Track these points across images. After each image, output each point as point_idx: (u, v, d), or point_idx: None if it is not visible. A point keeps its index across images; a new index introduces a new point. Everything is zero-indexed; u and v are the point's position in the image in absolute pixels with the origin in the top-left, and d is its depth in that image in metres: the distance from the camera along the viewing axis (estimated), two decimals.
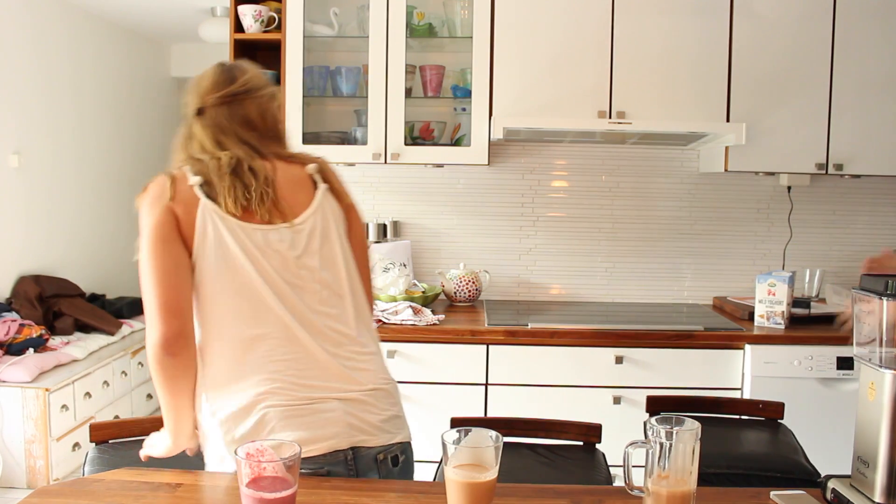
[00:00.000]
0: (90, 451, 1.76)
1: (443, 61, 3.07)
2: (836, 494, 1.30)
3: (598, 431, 1.86)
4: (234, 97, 1.49)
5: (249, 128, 1.49)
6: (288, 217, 1.44)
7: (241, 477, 1.13)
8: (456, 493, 1.16)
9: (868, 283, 1.28)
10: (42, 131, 4.11)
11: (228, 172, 1.42)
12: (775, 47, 2.83)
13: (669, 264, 3.26)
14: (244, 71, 1.53)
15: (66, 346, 3.66)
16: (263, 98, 1.53)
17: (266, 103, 1.53)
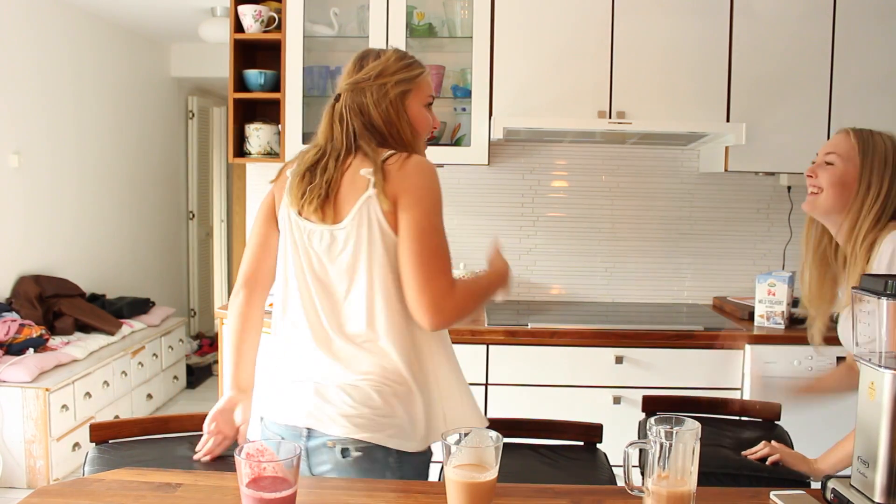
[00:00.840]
0: (90, 451, 1.75)
1: (443, 61, 3.07)
2: (837, 494, 1.30)
3: (598, 431, 1.86)
4: (356, 85, 1.53)
5: (362, 118, 1.53)
6: (333, 219, 1.48)
7: (241, 477, 1.13)
8: (456, 493, 1.16)
9: (868, 283, 1.28)
10: (42, 131, 4.11)
11: (305, 168, 1.52)
12: (775, 47, 2.83)
13: (669, 264, 3.26)
14: (377, 57, 1.56)
15: (66, 346, 3.66)
16: (385, 87, 1.53)
17: (386, 93, 1.53)
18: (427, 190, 1.48)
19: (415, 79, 1.56)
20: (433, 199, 1.48)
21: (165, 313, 4.72)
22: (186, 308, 6.06)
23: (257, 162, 3.10)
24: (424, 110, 1.59)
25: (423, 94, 1.58)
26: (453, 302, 1.42)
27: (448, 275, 1.44)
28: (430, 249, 1.44)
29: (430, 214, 1.46)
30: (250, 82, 3.01)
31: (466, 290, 1.47)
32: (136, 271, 5.18)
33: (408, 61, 1.58)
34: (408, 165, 1.48)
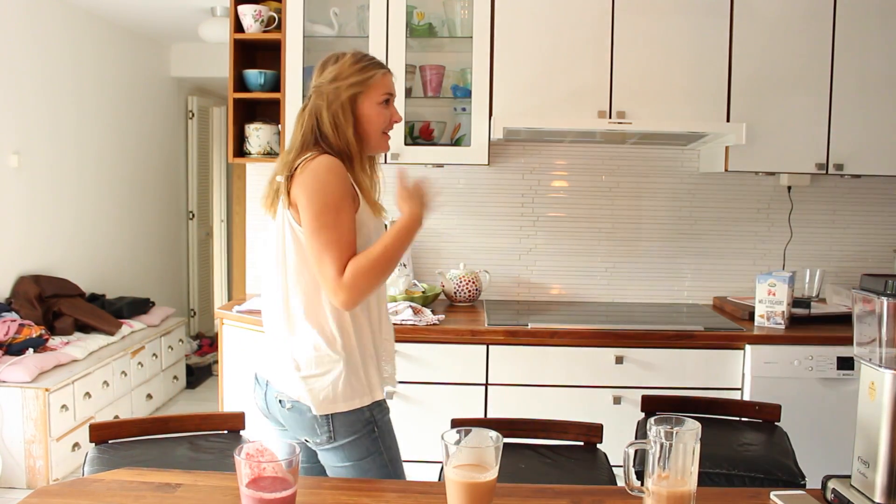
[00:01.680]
0: (90, 452, 1.75)
1: (443, 61, 3.07)
2: (837, 495, 1.30)
3: (599, 431, 1.86)
4: (317, 89, 1.75)
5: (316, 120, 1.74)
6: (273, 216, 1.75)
7: (240, 477, 1.13)
8: (456, 493, 1.16)
9: (868, 283, 1.28)
10: (42, 131, 4.11)
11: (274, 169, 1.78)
12: (776, 47, 2.83)
13: (669, 264, 3.26)
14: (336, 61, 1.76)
15: (65, 347, 3.66)
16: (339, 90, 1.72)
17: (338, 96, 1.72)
18: (314, 191, 1.63)
19: (367, 80, 1.73)
20: (321, 198, 1.62)
21: (165, 313, 4.71)
22: (186, 308, 6.06)
23: (257, 162, 3.10)
24: (378, 108, 1.75)
25: (376, 93, 1.74)
26: (345, 287, 1.60)
27: (334, 266, 1.61)
28: (318, 247, 1.62)
29: (318, 214, 1.62)
30: (250, 82, 3.01)
31: (359, 269, 1.61)
32: (136, 271, 5.18)
33: (363, 64, 1.74)
34: (306, 168, 1.65)
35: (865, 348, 1.29)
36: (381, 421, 1.74)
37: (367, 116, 1.73)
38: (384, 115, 1.76)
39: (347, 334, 1.69)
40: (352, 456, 1.69)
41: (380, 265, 1.63)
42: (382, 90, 1.74)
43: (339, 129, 1.70)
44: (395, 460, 1.77)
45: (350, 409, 1.68)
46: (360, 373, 1.70)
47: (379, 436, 1.72)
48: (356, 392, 1.69)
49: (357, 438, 1.69)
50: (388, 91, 1.76)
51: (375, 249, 1.64)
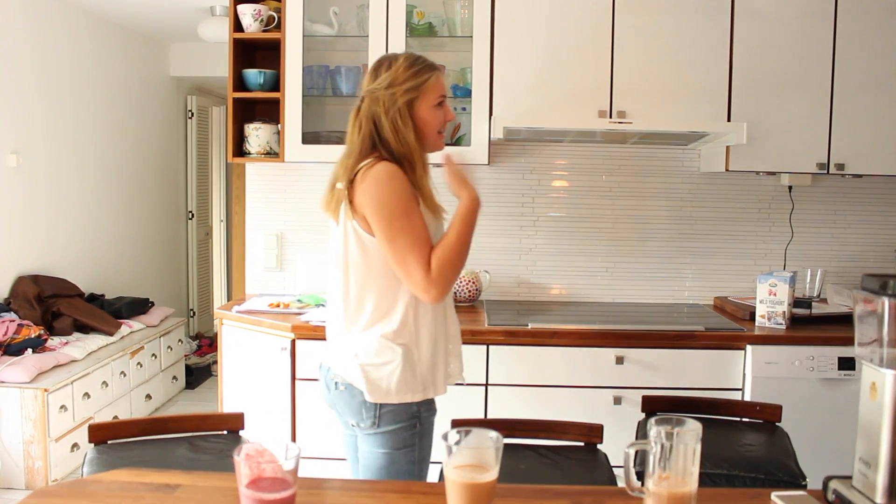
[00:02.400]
0: (89, 452, 1.75)
1: (443, 61, 3.06)
2: (838, 495, 1.29)
3: (599, 432, 1.85)
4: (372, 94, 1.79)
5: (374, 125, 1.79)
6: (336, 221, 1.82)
7: (240, 478, 1.12)
8: (456, 494, 1.16)
9: (869, 283, 1.27)
10: (41, 131, 4.10)
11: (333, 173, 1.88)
12: (777, 46, 2.83)
13: (670, 264, 3.25)
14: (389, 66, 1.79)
15: (64, 347, 3.66)
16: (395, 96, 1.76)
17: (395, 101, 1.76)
18: (382, 200, 1.69)
19: (422, 84, 1.78)
20: (389, 206, 1.68)
21: (164, 313, 4.71)
22: (186, 308, 6.05)
23: (257, 162, 3.10)
24: (434, 110, 1.81)
25: (432, 96, 1.80)
26: (435, 282, 1.67)
27: (420, 266, 1.67)
28: (399, 252, 1.68)
29: (391, 221, 1.68)
30: (250, 82, 3.00)
31: (443, 262, 1.68)
32: (136, 271, 5.17)
33: (417, 68, 1.78)
34: (367, 177, 1.70)
35: (866, 348, 1.28)
36: (426, 419, 1.81)
37: (424, 119, 1.79)
38: (439, 117, 1.83)
39: (411, 330, 1.77)
40: (388, 444, 1.77)
41: (458, 252, 1.71)
42: (437, 92, 1.81)
43: (400, 133, 1.75)
44: (425, 460, 1.82)
45: (400, 402, 1.76)
46: (416, 368, 1.77)
47: (419, 432, 1.79)
48: (409, 386, 1.76)
49: (398, 429, 1.76)
50: (442, 93, 1.83)
51: (450, 239, 1.71)
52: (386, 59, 1.80)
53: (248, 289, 3.35)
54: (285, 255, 3.31)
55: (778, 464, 1.84)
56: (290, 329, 2.67)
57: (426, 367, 1.79)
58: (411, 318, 1.77)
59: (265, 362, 2.77)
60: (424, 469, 1.82)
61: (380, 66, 1.79)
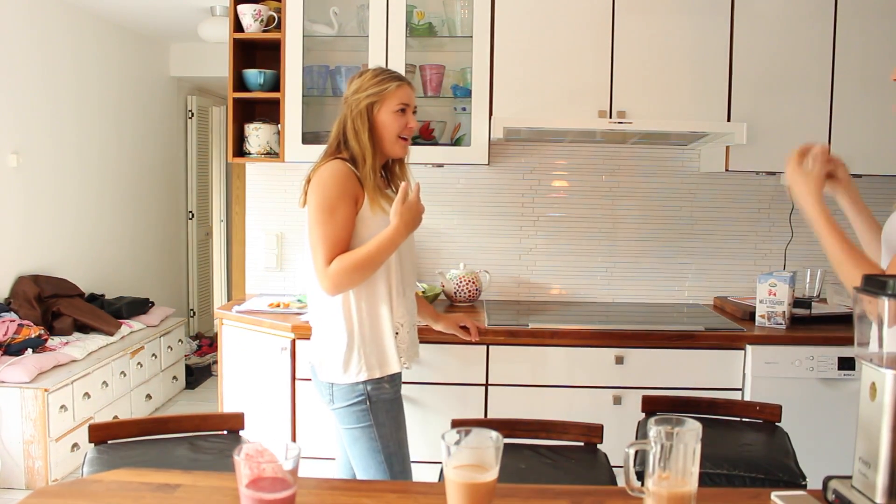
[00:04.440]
0: (89, 452, 1.75)
1: (443, 61, 3.06)
2: (838, 495, 1.29)
3: (599, 432, 1.85)
4: (345, 101, 2.03)
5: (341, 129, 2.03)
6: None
7: (240, 478, 1.12)
8: (456, 494, 1.16)
9: (869, 283, 1.27)
10: (41, 131, 4.10)
11: None
12: (776, 46, 2.83)
13: (670, 264, 3.25)
14: (360, 76, 2.03)
15: (64, 347, 3.66)
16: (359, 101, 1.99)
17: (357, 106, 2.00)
18: (316, 193, 1.92)
19: (382, 91, 1.98)
20: (318, 200, 1.91)
21: (165, 313, 4.71)
22: (186, 308, 6.05)
23: (257, 162, 3.10)
24: (393, 115, 1.99)
25: (392, 102, 1.99)
26: (329, 277, 1.88)
27: (321, 258, 1.89)
28: (312, 240, 1.92)
29: (314, 212, 1.91)
30: (250, 82, 3.00)
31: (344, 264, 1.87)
32: (136, 271, 5.17)
33: (381, 77, 2.00)
34: (316, 174, 1.95)
35: (866, 348, 1.28)
36: (377, 397, 1.98)
37: (382, 122, 1.99)
38: (399, 122, 2.00)
39: (353, 314, 1.96)
40: (345, 421, 1.99)
41: (361, 264, 1.89)
42: (398, 100, 1.99)
43: (358, 133, 1.97)
44: (387, 437, 1.97)
45: (345, 382, 1.97)
46: (360, 350, 1.97)
47: (370, 409, 1.97)
48: (352, 366, 1.96)
49: (349, 407, 1.98)
50: (403, 101, 2.01)
51: (360, 251, 1.90)
52: (360, 71, 2.05)
53: (248, 289, 3.35)
54: (285, 255, 3.31)
55: (778, 464, 1.84)
56: (290, 329, 2.67)
57: (370, 349, 1.97)
58: (353, 305, 1.96)
59: (265, 362, 2.77)
60: (392, 448, 1.98)
61: (353, 77, 2.04)
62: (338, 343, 1.97)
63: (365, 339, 1.98)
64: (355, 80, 2.02)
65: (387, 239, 1.91)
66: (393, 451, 1.99)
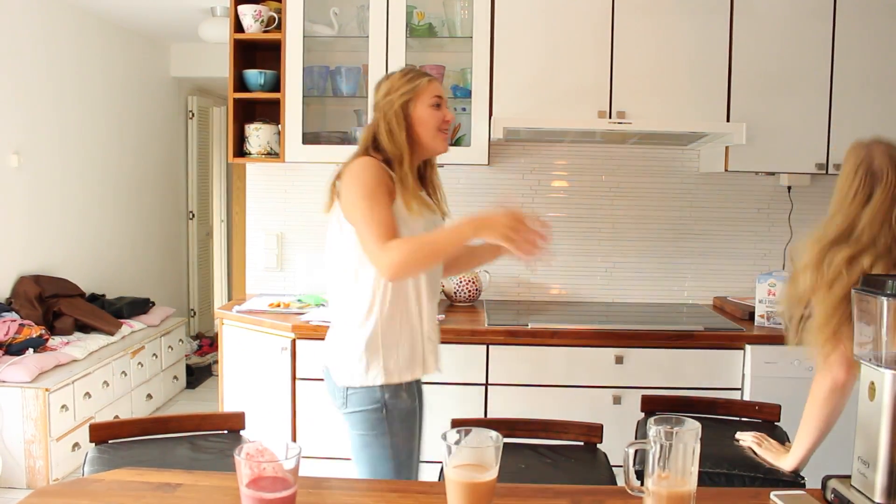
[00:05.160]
0: (90, 452, 1.75)
1: (443, 61, 3.06)
2: (837, 495, 1.30)
3: (599, 431, 1.86)
4: (376, 106, 1.96)
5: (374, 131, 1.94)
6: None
7: (240, 477, 1.13)
8: (456, 493, 1.16)
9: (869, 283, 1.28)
10: (42, 131, 4.11)
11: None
12: (776, 47, 2.83)
13: (669, 264, 3.25)
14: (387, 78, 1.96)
15: (65, 347, 3.66)
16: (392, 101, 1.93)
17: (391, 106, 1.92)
18: (351, 184, 1.84)
19: (415, 88, 1.92)
20: (356, 188, 1.82)
21: (165, 313, 4.71)
22: (186, 308, 6.05)
23: (257, 162, 3.10)
24: (430, 110, 1.94)
25: (426, 96, 1.94)
26: (389, 258, 1.72)
27: (374, 237, 1.76)
28: (360, 227, 1.81)
29: (356, 200, 1.82)
30: (250, 82, 3.01)
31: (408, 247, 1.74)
32: (136, 271, 5.17)
33: (411, 75, 1.95)
34: (346, 168, 1.88)
35: (866, 348, 1.29)
36: (394, 406, 1.89)
37: (420, 118, 1.93)
38: (437, 116, 1.96)
39: (375, 319, 1.87)
40: (358, 426, 1.90)
41: (423, 249, 1.76)
42: (431, 93, 1.95)
43: (393, 134, 1.90)
44: (398, 447, 1.89)
45: (360, 386, 1.89)
46: (378, 355, 1.88)
47: (386, 418, 1.88)
48: (369, 371, 1.88)
49: (365, 412, 1.89)
50: (437, 94, 1.96)
51: (425, 236, 1.82)
52: (384, 76, 2.00)
53: (249, 289, 3.35)
54: (285, 255, 3.31)
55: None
56: (291, 329, 2.67)
57: (389, 354, 1.89)
58: (376, 307, 1.87)
59: (265, 362, 2.77)
60: (402, 456, 1.89)
61: (380, 82, 1.98)
62: (358, 345, 1.88)
63: (388, 343, 1.89)
64: (383, 84, 1.96)
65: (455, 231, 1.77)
66: (403, 461, 1.91)
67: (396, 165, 1.89)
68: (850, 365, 1.58)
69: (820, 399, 1.65)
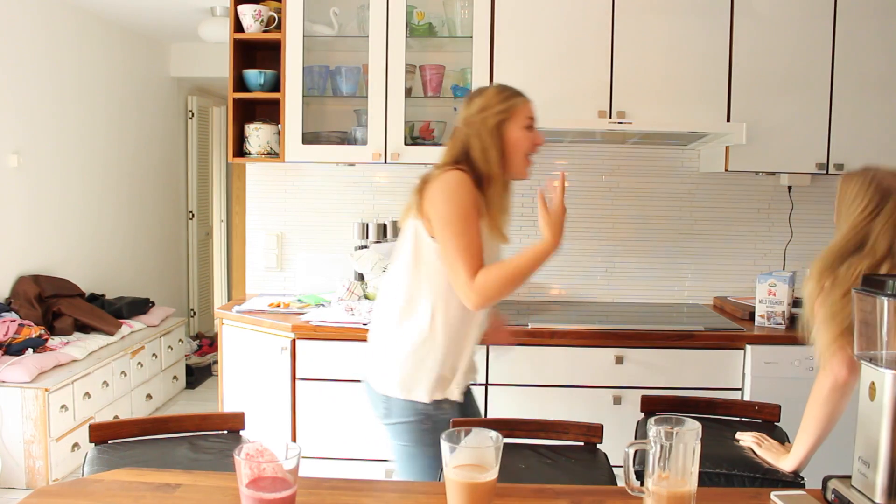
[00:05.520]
0: (89, 452, 1.75)
1: (443, 61, 3.06)
2: (837, 495, 1.30)
3: (599, 431, 1.85)
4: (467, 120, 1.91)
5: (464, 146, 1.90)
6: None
7: (240, 477, 1.13)
8: (456, 494, 1.16)
9: (869, 283, 1.28)
10: (41, 131, 4.10)
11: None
12: (776, 47, 2.83)
13: (670, 264, 3.25)
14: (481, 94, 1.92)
15: (65, 347, 3.66)
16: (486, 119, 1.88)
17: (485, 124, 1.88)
18: (445, 202, 1.79)
19: (511, 108, 1.89)
20: (451, 208, 1.78)
21: (165, 313, 4.71)
22: (186, 308, 6.05)
23: (257, 162, 3.10)
24: (523, 132, 1.91)
25: (521, 118, 1.90)
26: (476, 291, 1.74)
27: (465, 271, 1.75)
28: (451, 253, 1.77)
29: (448, 223, 1.77)
30: (250, 82, 3.00)
31: (493, 278, 1.75)
32: (136, 271, 5.17)
33: (506, 94, 1.91)
34: (437, 180, 1.82)
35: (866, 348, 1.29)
36: (438, 416, 1.86)
37: (513, 140, 1.89)
38: (528, 139, 1.92)
39: (430, 335, 1.85)
40: (401, 437, 1.88)
41: (510, 277, 1.77)
42: (525, 114, 1.91)
43: (487, 152, 1.86)
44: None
45: (403, 398, 1.86)
46: (427, 370, 1.86)
47: (431, 431, 1.84)
48: (415, 385, 1.85)
49: (408, 423, 1.86)
50: (530, 116, 1.93)
51: (510, 263, 1.78)
52: (478, 90, 1.96)
53: (249, 289, 3.35)
54: (285, 255, 3.31)
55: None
56: (291, 329, 2.67)
57: (437, 371, 1.86)
58: (434, 324, 1.85)
59: (265, 362, 2.77)
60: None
61: (473, 96, 1.94)
62: (405, 357, 1.86)
63: (436, 359, 1.86)
64: (476, 98, 1.92)
65: (541, 252, 1.79)
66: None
67: (487, 185, 1.85)
68: (853, 365, 1.58)
69: (821, 398, 1.65)
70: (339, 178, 3.27)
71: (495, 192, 1.86)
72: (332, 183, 3.27)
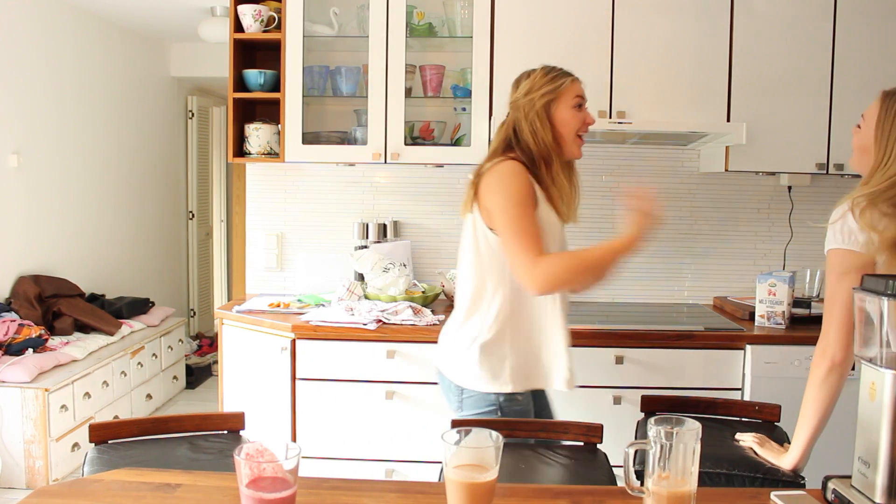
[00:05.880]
0: (89, 452, 1.75)
1: (443, 61, 3.06)
2: (837, 495, 1.29)
3: (599, 431, 1.85)
4: (514, 104, 1.92)
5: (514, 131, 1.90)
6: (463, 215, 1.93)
7: (240, 477, 1.12)
8: (456, 494, 1.16)
9: (869, 283, 1.27)
10: (41, 131, 4.10)
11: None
12: (776, 47, 2.83)
13: (669, 264, 3.25)
14: (527, 76, 1.93)
15: (65, 347, 3.66)
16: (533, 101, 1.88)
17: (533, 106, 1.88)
18: (500, 191, 1.78)
19: (559, 87, 1.88)
20: (506, 196, 1.77)
21: (165, 313, 4.71)
22: (186, 308, 6.05)
23: (257, 162, 3.10)
24: (572, 112, 1.89)
25: (569, 97, 1.89)
26: (537, 273, 1.71)
27: (524, 253, 1.72)
28: (509, 238, 1.75)
29: (505, 210, 1.76)
30: (250, 82, 3.00)
31: (561, 261, 1.75)
32: (136, 271, 5.17)
33: (553, 74, 1.91)
34: (490, 171, 1.82)
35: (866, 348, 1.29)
36: (509, 408, 1.87)
37: (563, 120, 1.88)
38: (578, 118, 1.90)
39: (503, 326, 1.86)
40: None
41: (576, 266, 1.78)
42: (574, 93, 1.90)
43: (538, 135, 1.85)
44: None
45: (476, 390, 1.87)
46: (500, 362, 1.86)
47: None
48: (487, 377, 1.86)
49: (480, 415, 1.87)
50: (579, 94, 1.91)
51: (579, 252, 1.80)
52: (525, 72, 1.96)
53: (249, 289, 3.35)
54: (285, 255, 3.31)
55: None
56: (291, 329, 2.67)
57: (511, 363, 1.86)
58: (506, 315, 1.85)
59: (265, 362, 2.77)
60: None
61: (519, 79, 1.94)
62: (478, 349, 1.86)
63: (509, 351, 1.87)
64: (524, 81, 1.92)
65: (616, 248, 1.79)
66: None
67: (544, 167, 1.84)
68: (848, 344, 1.57)
69: (819, 379, 1.63)
70: (339, 178, 3.27)
71: (555, 172, 1.85)
72: (332, 183, 3.27)
